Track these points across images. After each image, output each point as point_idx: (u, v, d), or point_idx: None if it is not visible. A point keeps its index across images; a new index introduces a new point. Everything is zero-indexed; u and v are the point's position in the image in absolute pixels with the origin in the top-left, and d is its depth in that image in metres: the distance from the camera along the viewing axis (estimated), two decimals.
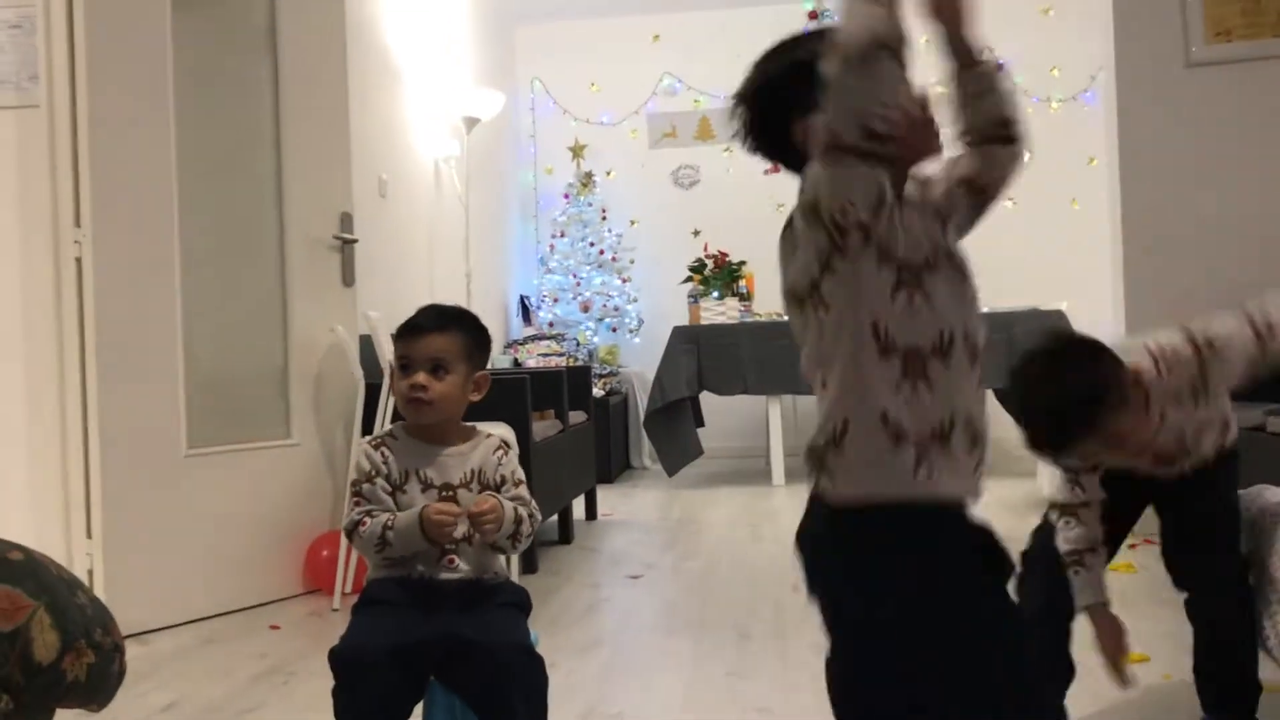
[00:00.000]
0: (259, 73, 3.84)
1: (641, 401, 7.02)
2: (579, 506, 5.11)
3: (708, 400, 6.68)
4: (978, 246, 5.93)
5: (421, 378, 1.92)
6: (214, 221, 3.71)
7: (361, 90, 4.61)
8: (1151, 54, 4.36)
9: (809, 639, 3.07)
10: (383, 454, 1.95)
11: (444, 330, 1.97)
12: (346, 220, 4.05)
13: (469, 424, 2.03)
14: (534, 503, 1.99)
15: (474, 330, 2.01)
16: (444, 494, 1.92)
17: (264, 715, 2.60)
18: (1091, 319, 6.31)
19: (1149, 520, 4.49)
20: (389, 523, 1.86)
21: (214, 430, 3.66)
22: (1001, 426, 7.49)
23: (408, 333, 1.98)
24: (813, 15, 7.66)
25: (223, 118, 3.75)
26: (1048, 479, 4.92)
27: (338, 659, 1.80)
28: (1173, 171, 4.35)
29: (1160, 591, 3.45)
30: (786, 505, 5.47)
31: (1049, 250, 7.29)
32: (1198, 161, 4.32)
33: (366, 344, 3.94)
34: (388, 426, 2.01)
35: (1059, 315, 6.03)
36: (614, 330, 7.54)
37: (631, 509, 5.59)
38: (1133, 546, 4.11)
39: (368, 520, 1.88)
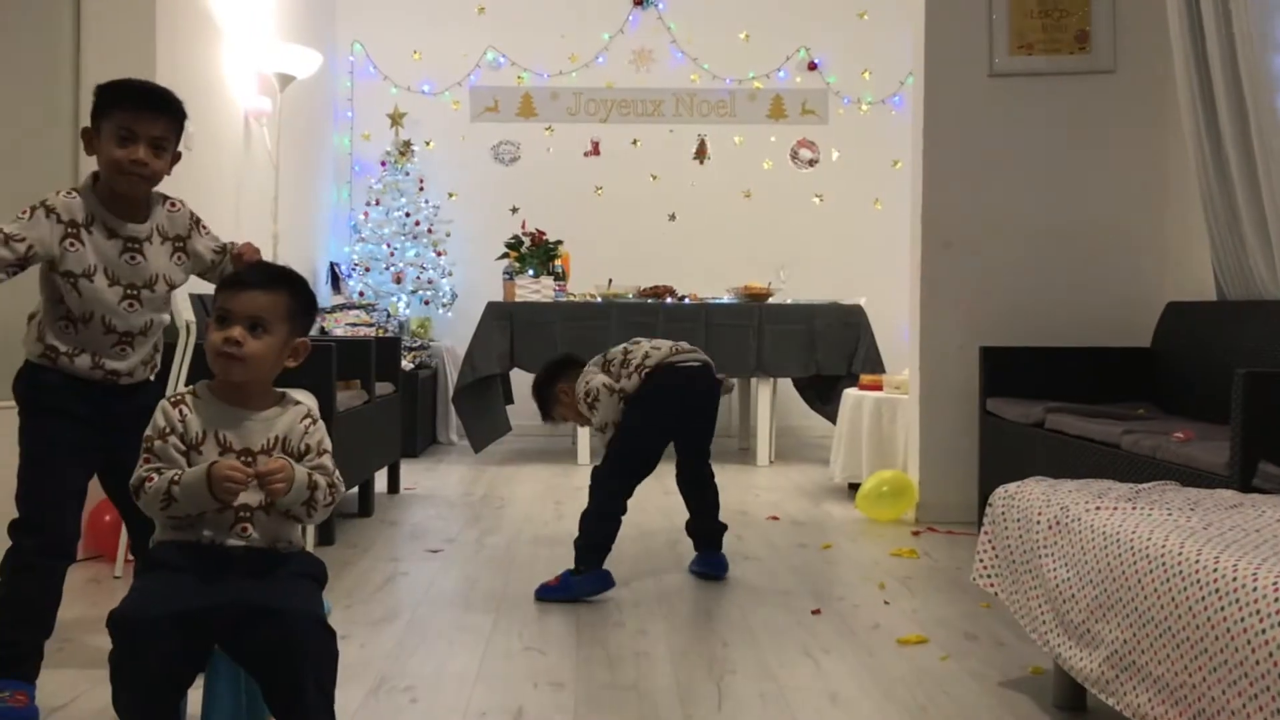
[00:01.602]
0: (60, 11, 3.62)
1: (452, 376, 6.96)
2: (381, 479, 5.03)
3: (518, 377, 6.66)
4: (785, 242, 6.19)
5: (237, 332, 1.86)
6: (2, 166, 3.48)
7: (171, 36, 4.40)
8: (958, 62, 4.56)
9: (606, 615, 3.11)
10: (180, 412, 1.87)
11: (269, 289, 1.91)
12: None
13: (279, 389, 1.98)
14: (337, 474, 1.94)
15: (301, 294, 1.96)
16: (243, 459, 1.86)
17: (37, 683, 2.47)
18: (888, 313, 6.61)
19: (945, 509, 4.71)
20: (175, 478, 1.80)
21: None
22: (798, 415, 7.76)
23: (231, 286, 1.92)
24: (637, 1, 7.71)
25: (20, 59, 3.52)
26: (839, 467, 5.11)
27: (116, 622, 1.72)
28: (970, 175, 4.57)
29: (939, 578, 3.64)
30: None
31: (852, 248, 7.54)
32: (993, 166, 4.56)
33: None
34: (191, 385, 1.94)
35: (858, 309, 6.26)
36: (426, 303, 7.43)
37: (435, 484, 5.54)
38: (916, 534, 4.31)
39: (154, 477, 1.81)
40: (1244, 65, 3.67)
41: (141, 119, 2.29)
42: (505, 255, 6.72)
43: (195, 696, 1.86)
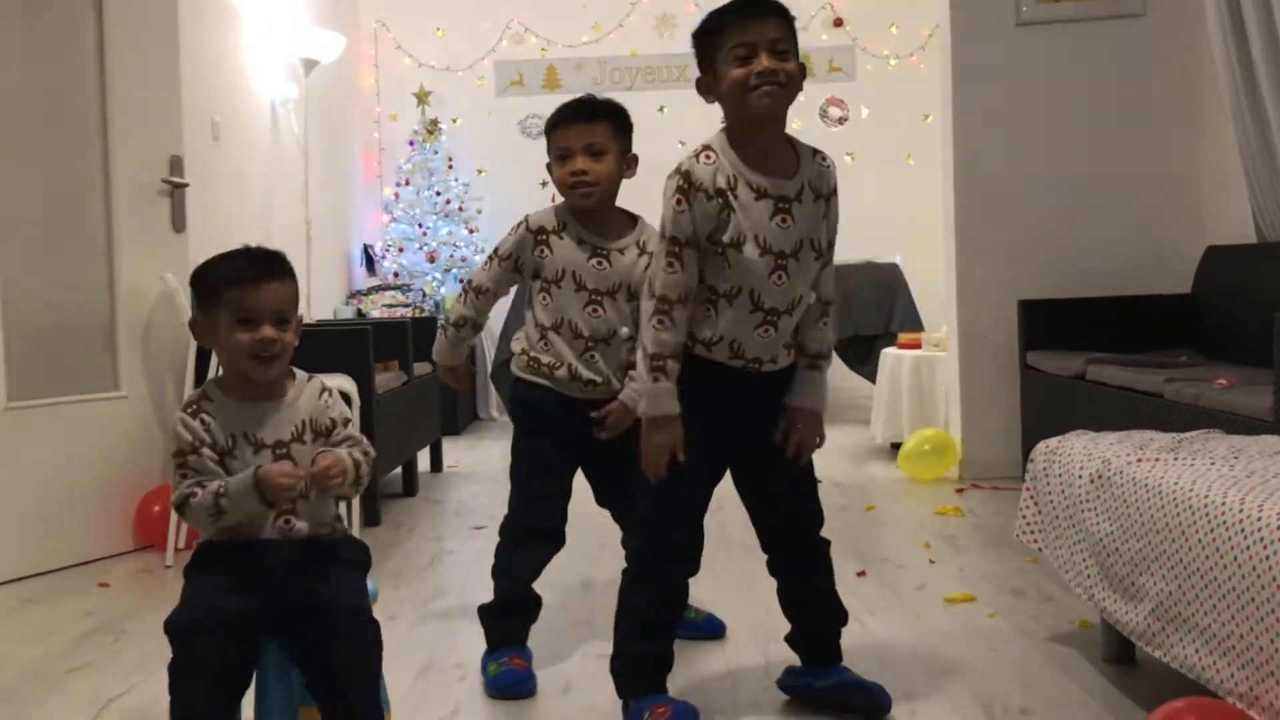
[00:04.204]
0: (82, 5, 3.64)
1: (490, 353, 6.98)
2: (424, 459, 5.07)
3: None
4: None
5: (272, 332, 1.83)
6: (33, 164, 3.51)
7: (193, 27, 4.42)
8: (984, 13, 4.50)
9: None
10: (203, 421, 1.83)
11: (285, 279, 1.88)
12: (177, 163, 3.89)
13: (289, 366, 1.94)
14: (365, 440, 1.93)
15: (293, 273, 1.94)
16: (277, 453, 1.83)
17: (90, 674, 2.52)
18: (925, 271, 6.55)
19: (988, 465, 4.64)
20: (221, 489, 1.76)
21: (37, 383, 3.50)
22: (837, 376, 7.65)
23: (246, 282, 1.85)
24: None
25: (41, 53, 3.55)
26: (880, 428, 5.09)
27: (172, 632, 1.73)
28: (1002, 126, 4.51)
29: (984, 535, 3.62)
30: None
31: (886, 205, 7.47)
32: (1025, 116, 4.49)
33: None
34: (198, 389, 1.90)
35: (894, 268, 6.21)
36: (461, 281, 7.45)
37: (477, 461, 5.57)
38: (960, 491, 4.29)
39: (199, 491, 1.77)
40: (1276, 0, 3.59)
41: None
42: None
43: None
